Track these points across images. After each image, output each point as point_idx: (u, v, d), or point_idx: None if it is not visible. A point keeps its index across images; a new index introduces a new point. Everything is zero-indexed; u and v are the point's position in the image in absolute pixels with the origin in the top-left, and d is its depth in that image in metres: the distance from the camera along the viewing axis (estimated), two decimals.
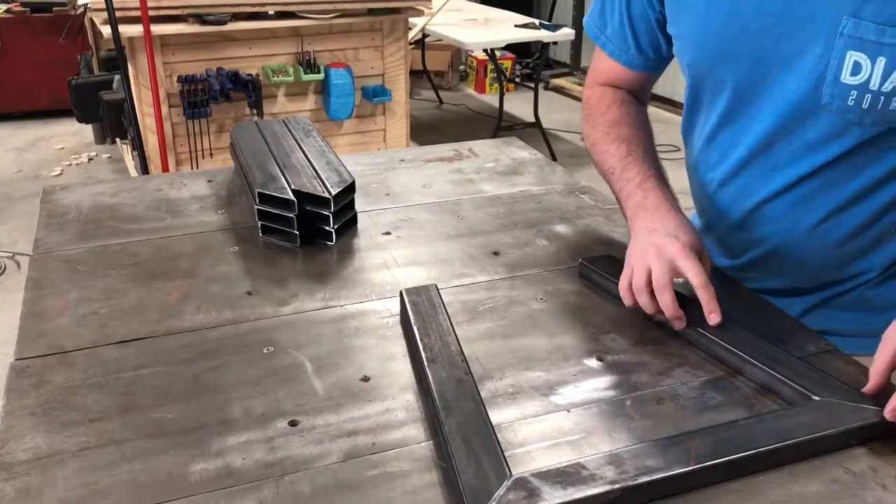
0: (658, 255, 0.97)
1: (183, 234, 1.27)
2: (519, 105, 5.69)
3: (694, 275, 0.95)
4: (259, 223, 1.24)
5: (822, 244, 1.08)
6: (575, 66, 6.53)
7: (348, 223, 1.28)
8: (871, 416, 0.81)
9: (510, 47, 5.76)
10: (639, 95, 1.26)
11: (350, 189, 1.26)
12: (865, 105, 0.93)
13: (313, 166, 1.30)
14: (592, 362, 0.95)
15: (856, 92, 0.93)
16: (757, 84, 1.02)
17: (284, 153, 1.35)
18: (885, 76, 0.91)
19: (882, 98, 0.92)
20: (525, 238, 1.26)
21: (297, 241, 1.22)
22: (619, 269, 1.07)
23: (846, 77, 0.93)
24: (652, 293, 0.98)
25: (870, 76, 0.92)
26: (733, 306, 1.01)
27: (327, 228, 1.22)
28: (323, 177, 1.25)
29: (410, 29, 3.98)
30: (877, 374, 0.85)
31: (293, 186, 1.22)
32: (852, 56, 0.92)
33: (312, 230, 1.23)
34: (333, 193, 1.20)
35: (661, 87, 5.34)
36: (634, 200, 1.07)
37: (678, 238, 0.98)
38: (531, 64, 6.43)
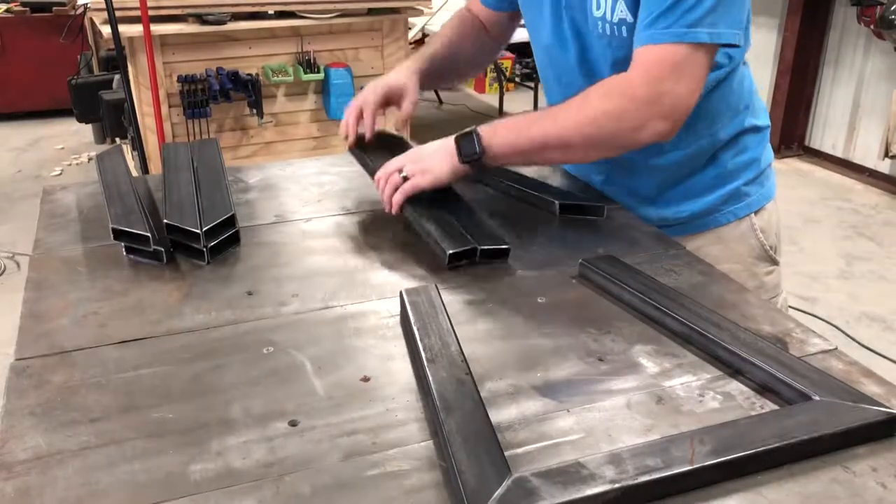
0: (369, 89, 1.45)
1: None
2: (519, 105, 5.69)
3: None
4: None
5: None
6: None
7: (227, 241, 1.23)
8: (872, 416, 0.81)
9: (510, 47, 5.76)
10: (498, 36, 1.58)
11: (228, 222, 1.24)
12: (607, 32, 1.24)
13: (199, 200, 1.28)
14: (592, 362, 0.95)
15: (600, 23, 1.24)
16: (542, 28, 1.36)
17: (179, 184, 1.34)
18: (612, 10, 1.22)
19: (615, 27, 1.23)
20: (525, 238, 1.26)
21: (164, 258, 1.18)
22: (619, 270, 1.08)
23: (594, 11, 1.25)
24: (359, 114, 1.43)
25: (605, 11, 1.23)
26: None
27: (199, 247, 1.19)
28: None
29: (410, 29, 3.98)
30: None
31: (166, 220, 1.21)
32: None
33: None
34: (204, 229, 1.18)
35: None
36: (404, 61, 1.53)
37: (388, 79, 1.45)
38: (531, 63, 6.43)
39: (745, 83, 1.37)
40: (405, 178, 1.23)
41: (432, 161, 1.23)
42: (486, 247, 1.18)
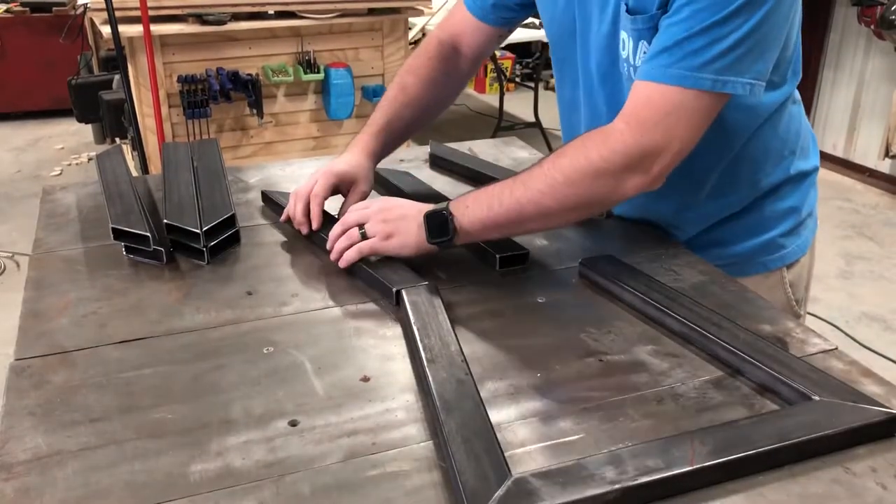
0: (318, 176, 1.25)
1: None
2: (519, 105, 5.69)
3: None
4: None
5: None
6: None
7: (227, 240, 1.23)
8: (872, 416, 0.81)
9: (510, 47, 5.77)
10: (477, 52, 1.40)
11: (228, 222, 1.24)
12: (631, 75, 1.10)
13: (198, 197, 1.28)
14: (592, 362, 0.95)
15: (625, 64, 1.13)
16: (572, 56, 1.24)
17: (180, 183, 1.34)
18: (635, 52, 1.09)
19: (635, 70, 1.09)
20: (525, 238, 1.26)
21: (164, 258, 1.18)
22: (619, 270, 1.08)
23: (621, 51, 1.12)
24: (306, 205, 1.23)
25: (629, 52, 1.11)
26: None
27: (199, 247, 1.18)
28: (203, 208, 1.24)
29: (410, 29, 3.98)
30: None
31: (166, 220, 1.21)
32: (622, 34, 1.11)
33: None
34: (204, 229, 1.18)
35: None
36: (358, 135, 1.34)
37: (339, 168, 1.26)
38: (531, 64, 6.42)
39: (792, 126, 1.23)
40: (364, 236, 1.12)
41: (399, 227, 1.11)
42: (504, 254, 1.16)
